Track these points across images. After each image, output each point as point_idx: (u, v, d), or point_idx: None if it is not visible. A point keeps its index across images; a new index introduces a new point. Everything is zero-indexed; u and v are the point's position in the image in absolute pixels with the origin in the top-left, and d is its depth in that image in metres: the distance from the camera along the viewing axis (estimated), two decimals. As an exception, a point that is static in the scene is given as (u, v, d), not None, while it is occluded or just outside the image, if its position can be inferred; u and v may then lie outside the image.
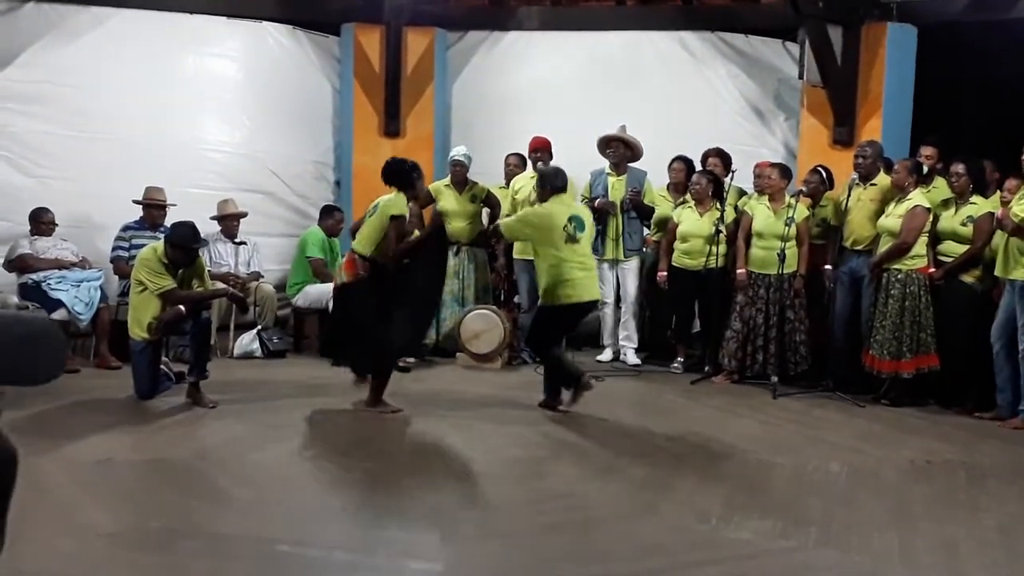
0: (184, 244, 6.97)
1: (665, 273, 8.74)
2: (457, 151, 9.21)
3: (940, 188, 7.91)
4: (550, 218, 6.91)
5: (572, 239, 6.89)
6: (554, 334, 7.21)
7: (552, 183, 7.04)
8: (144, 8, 9.50)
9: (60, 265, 8.30)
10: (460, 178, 9.04)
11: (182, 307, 6.93)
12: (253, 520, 4.73)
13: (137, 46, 9.41)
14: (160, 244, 7.08)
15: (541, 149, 9.01)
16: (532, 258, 8.57)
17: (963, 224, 7.42)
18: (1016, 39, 8.75)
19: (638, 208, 8.88)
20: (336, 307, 7.24)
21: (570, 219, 6.92)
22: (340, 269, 7.05)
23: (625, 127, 8.95)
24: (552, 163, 8.77)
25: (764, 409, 7.41)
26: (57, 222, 8.52)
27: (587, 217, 7.23)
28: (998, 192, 7.54)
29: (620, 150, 8.92)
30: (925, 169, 8.10)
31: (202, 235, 7.12)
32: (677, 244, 8.64)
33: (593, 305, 7.32)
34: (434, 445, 6.27)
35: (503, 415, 7.02)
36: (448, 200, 9.11)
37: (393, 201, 6.78)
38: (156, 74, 9.44)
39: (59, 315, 8.00)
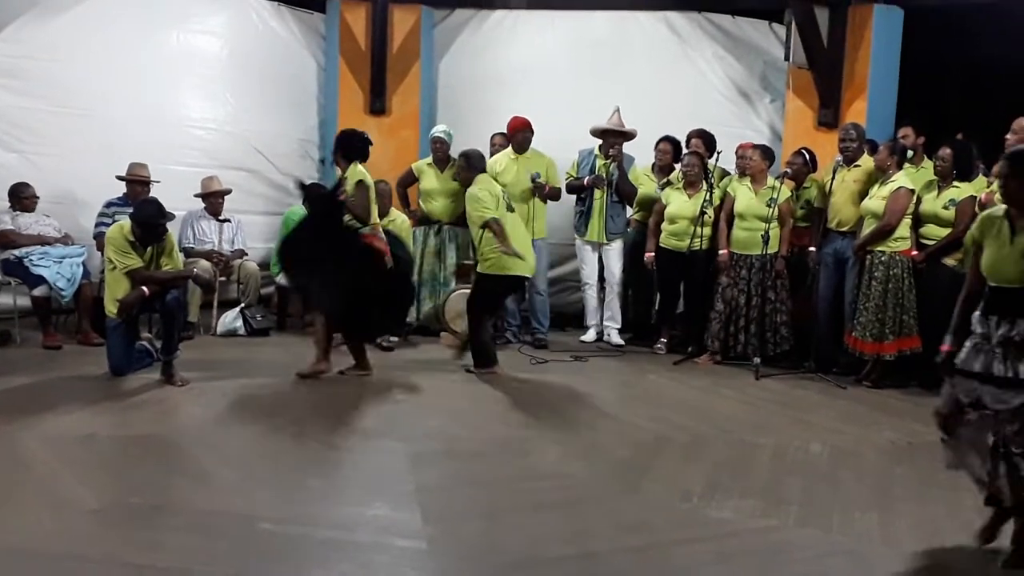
0: (148, 221, 6.95)
1: (652, 254, 8.75)
2: (438, 129, 9.20)
3: (927, 169, 7.94)
4: (496, 192, 7.56)
5: (509, 208, 7.60)
6: (492, 304, 7.79)
7: (480, 164, 7.71)
8: (128, -17, 9.42)
9: (43, 241, 8.26)
10: (442, 156, 9.02)
11: (144, 288, 6.92)
12: (236, 497, 4.73)
13: (121, 21, 9.31)
14: (127, 222, 7.05)
15: (523, 128, 8.95)
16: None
17: (945, 207, 7.45)
18: (1002, 22, 8.77)
19: (623, 192, 8.89)
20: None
21: (502, 191, 7.67)
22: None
23: (619, 111, 8.92)
24: (534, 142, 8.83)
25: (746, 390, 7.44)
26: (39, 197, 8.47)
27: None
28: (980, 175, 7.57)
29: (617, 141, 8.89)
30: (911, 153, 8.13)
31: (168, 213, 7.06)
32: (665, 225, 8.65)
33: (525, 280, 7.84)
34: (417, 424, 6.26)
35: (487, 394, 7.03)
36: (429, 179, 9.11)
37: (355, 171, 7.14)
38: (140, 50, 9.36)
39: (41, 291, 7.98)
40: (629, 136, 8.95)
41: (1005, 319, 4.03)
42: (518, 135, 8.93)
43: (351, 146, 7.29)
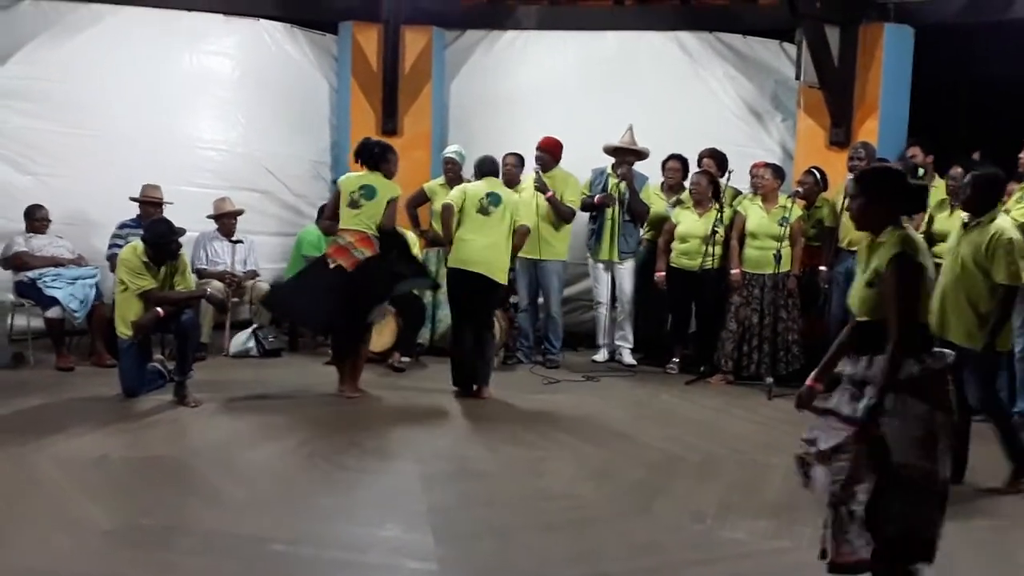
0: (160, 240, 7.00)
1: (663, 273, 8.74)
2: (450, 149, 9.21)
3: (938, 188, 7.93)
4: (464, 190, 7.72)
5: (483, 211, 7.53)
6: (455, 302, 7.66)
7: (478, 166, 7.89)
8: (141, 5, 9.49)
9: (56, 262, 8.29)
10: (454, 176, 9.03)
11: (159, 310, 6.95)
12: (248, 518, 4.74)
13: (134, 43, 9.40)
14: (140, 243, 7.09)
15: (542, 149, 8.98)
16: (532, 257, 8.64)
17: (958, 226, 7.42)
18: (1012, 40, 8.77)
19: (635, 212, 8.88)
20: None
21: (487, 195, 7.60)
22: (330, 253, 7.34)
23: (633, 129, 8.93)
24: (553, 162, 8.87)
25: (759, 410, 7.42)
26: (52, 219, 8.52)
27: (507, 195, 7.73)
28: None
29: (630, 160, 8.91)
30: (921, 171, 8.11)
31: (177, 228, 7.12)
32: (675, 244, 8.64)
33: (488, 284, 7.49)
34: (429, 444, 6.27)
35: (498, 414, 7.02)
36: (442, 199, 9.12)
37: (388, 185, 7.41)
38: (153, 72, 9.43)
39: (54, 313, 8.01)
40: (641, 155, 8.96)
41: (863, 355, 3.66)
42: (536, 154, 8.99)
43: (358, 152, 7.51)
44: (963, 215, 5.52)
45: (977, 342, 5.28)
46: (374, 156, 7.42)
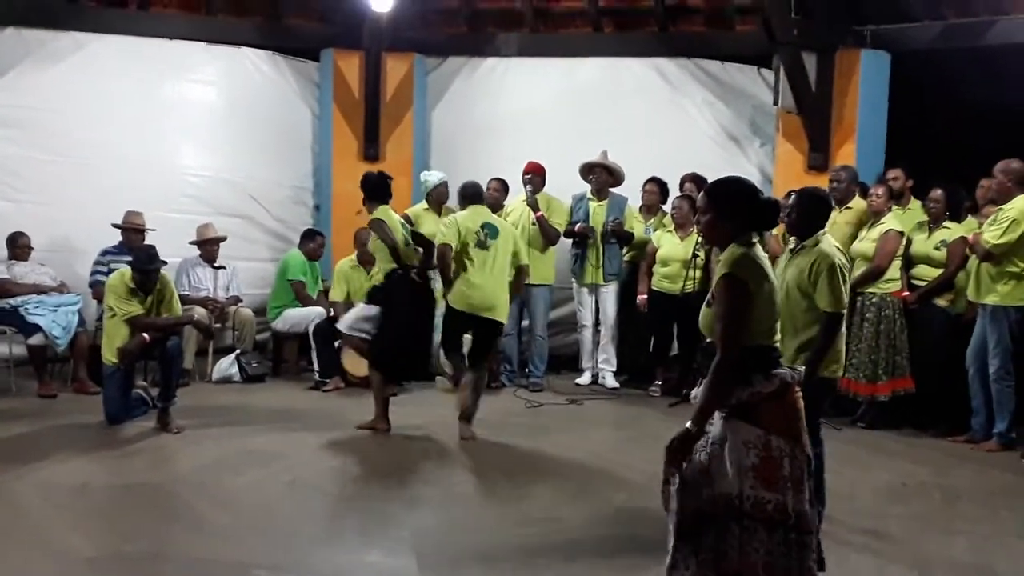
0: (140, 267, 7.02)
1: (645, 296, 8.79)
2: (434, 174, 9.19)
3: (915, 210, 8.01)
4: (457, 224, 7.06)
5: (482, 245, 7.03)
6: (453, 337, 7.17)
7: (461, 193, 7.38)
8: (123, 34, 9.55)
9: (39, 290, 8.27)
10: (444, 200, 9.05)
11: (145, 336, 6.96)
12: (230, 545, 4.73)
13: (116, 72, 9.44)
14: (127, 270, 7.11)
15: (531, 172, 9.06)
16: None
17: (936, 248, 7.51)
18: (988, 67, 8.89)
19: (619, 236, 8.94)
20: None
21: (483, 226, 7.09)
22: None
23: (607, 153, 9.03)
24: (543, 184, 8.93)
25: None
26: (34, 246, 8.51)
27: (502, 227, 7.31)
28: (970, 217, 7.64)
29: (602, 176, 9.00)
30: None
31: (159, 257, 7.12)
32: (657, 268, 8.69)
33: (493, 325, 7.13)
34: (412, 468, 6.27)
35: (481, 438, 7.02)
36: (428, 224, 9.14)
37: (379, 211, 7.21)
38: (135, 99, 9.46)
39: (36, 340, 7.99)
40: (615, 173, 9.01)
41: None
42: (525, 177, 9.06)
43: (365, 186, 7.38)
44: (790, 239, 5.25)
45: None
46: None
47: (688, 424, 3.42)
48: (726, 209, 3.57)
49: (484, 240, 7.06)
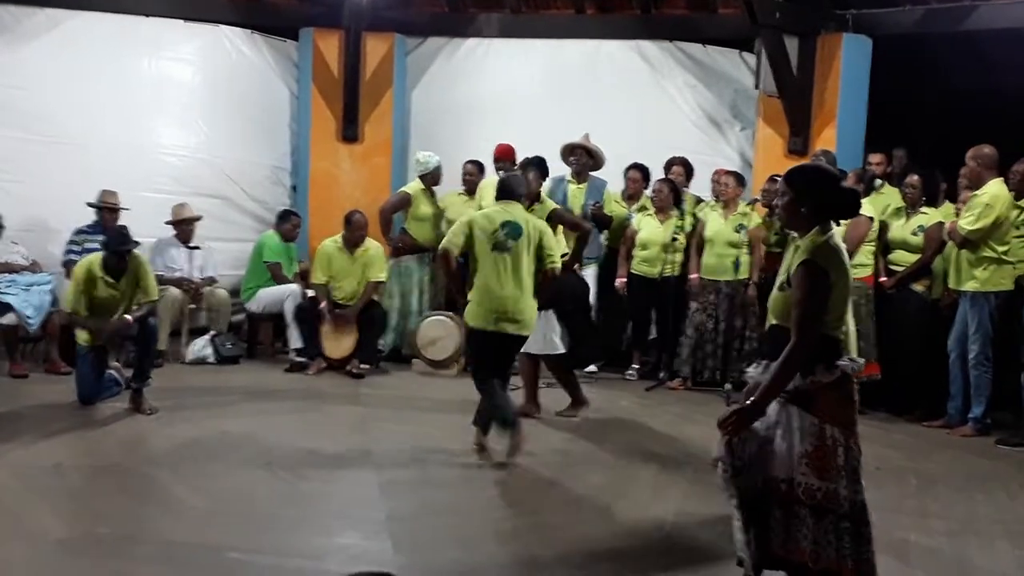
0: (112, 247, 6.96)
1: (624, 280, 8.77)
2: (436, 156, 9.12)
3: (888, 195, 8.02)
4: (468, 225, 6.11)
5: (500, 247, 6.04)
6: (480, 365, 6.26)
7: (500, 189, 6.45)
8: (100, 10, 9.42)
9: (10, 269, 8.18)
10: (438, 183, 8.96)
11: (128, 317, 6.90)
12: (205, 527, 4.69)
13: (92, 49, 9.33)
14: (96, 258, 7.02)
15: (502, 158, 8.98)
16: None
17: (913, 234, 7.53)
18: (969, 51, 8.90)
19: (598, 219, 8.90)
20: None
21: (503, 224, 6.08)
22: None
23: (588, 135, 8.98)
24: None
25: (716, 416, 7.43)
26: (8, 225, 8.40)
27: (529, 223, 6.18)
28: (947, 202, 7.66)
29: (583, 159, 8.92)
30: (879, 182, 8.20)
31: (132, 238, 7.01)
32: (636, 251, 8.68)
33: (518, 340, 6.22)
34: (388, 452, 6.23)
35: (457, 422, 6.97)
36: (425, 205, 9.08)
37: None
38: (112, 77, 9.36)
39: (8, 319, 7.90)
40: (594, 155, 8.94)
41: (773, 360, 3.57)
42: (496, 164, 8.95)
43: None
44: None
45: None
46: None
47: (750, 401, 3.48)
48: (804, 194, 3.59)
49: (504, 241, 6.03)
